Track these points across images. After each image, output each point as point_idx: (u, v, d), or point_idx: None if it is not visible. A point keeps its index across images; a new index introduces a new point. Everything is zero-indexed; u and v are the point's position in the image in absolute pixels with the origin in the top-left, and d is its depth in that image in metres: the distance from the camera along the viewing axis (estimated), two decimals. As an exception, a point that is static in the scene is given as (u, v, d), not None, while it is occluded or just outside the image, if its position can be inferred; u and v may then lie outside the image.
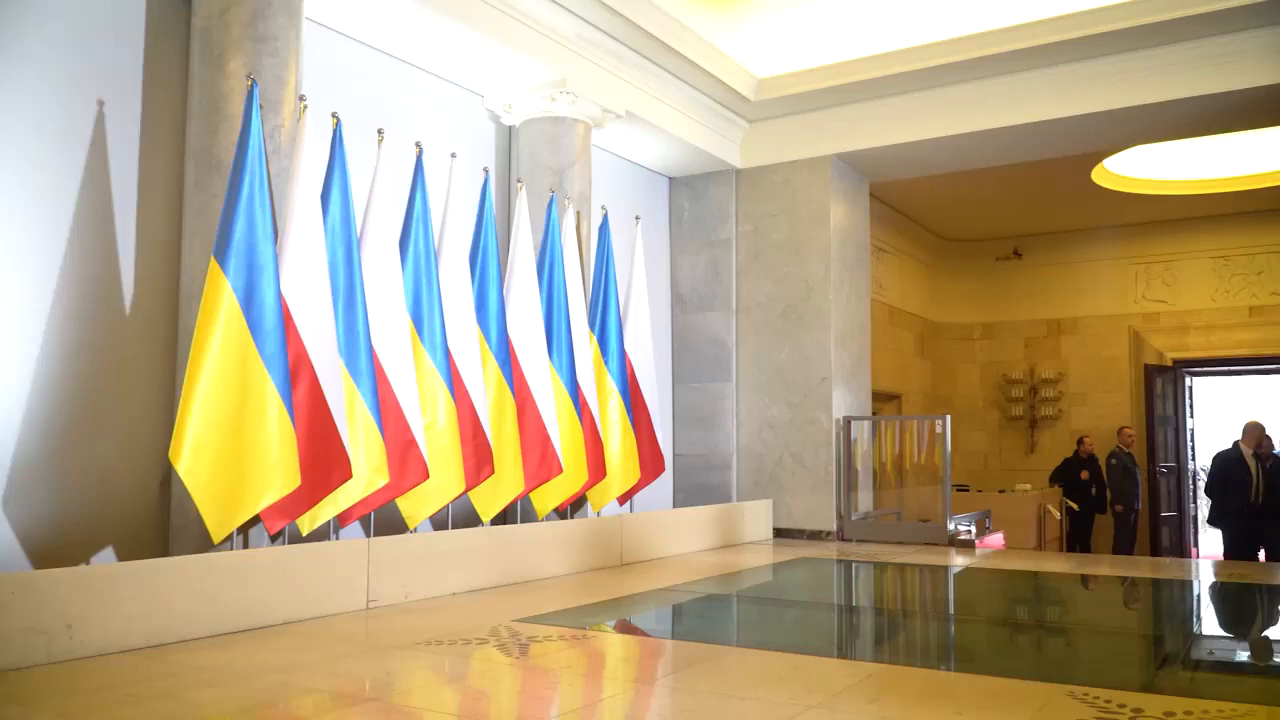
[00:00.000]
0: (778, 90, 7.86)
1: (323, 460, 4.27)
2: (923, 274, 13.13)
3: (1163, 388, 12.59)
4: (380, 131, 4.94)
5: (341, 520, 4.64)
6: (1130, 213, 11.81)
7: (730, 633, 4.73)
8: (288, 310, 4.23)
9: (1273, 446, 9.27)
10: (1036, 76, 7.19)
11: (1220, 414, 15.57)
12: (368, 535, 4.73)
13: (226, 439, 3.93)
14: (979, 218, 12.39)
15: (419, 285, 5.04)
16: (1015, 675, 3.42)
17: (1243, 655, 4.26)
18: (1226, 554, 9.41)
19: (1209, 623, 5.41)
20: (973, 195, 11.18)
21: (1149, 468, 12.26)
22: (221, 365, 3.94)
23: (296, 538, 4.43)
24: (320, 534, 4.54)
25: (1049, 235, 12.87)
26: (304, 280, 4.29)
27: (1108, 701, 2.84)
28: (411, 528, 4.97)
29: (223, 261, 4.01)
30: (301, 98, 4.52)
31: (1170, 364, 12.57)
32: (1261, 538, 9.04)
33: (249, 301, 4.06)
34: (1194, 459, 12.98)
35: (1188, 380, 12.96)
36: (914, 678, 3.50)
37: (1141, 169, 10.77)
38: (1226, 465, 9.06)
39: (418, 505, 4.95)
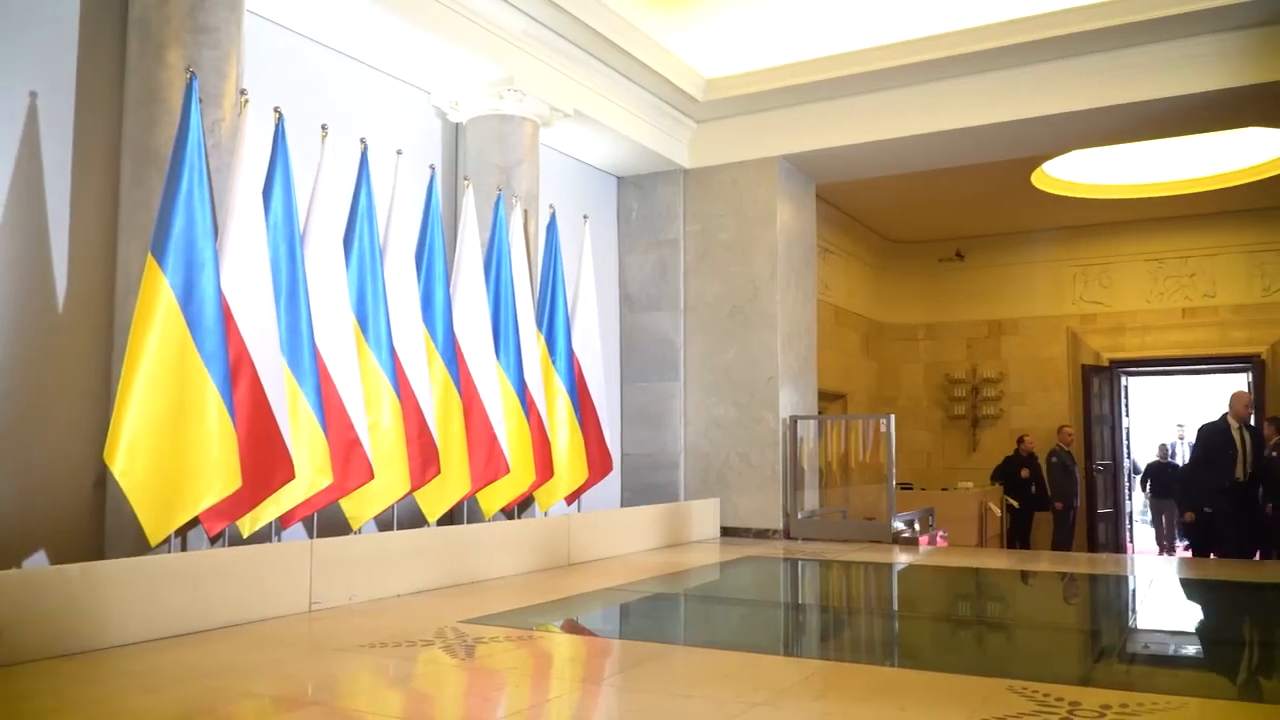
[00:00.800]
0: (725, 91, 7.90)
1: (264, 460, 4.19)
2: (868, 275, 13.28)
3: (1099, 387, 12.89)
4: (324, 127, 4.87)
5: (284, 521, 4.56)
6: (1068, 216, 12.07)
7: (677, 632, 4.74)
8: (228, 308, 4.15)
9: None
10: (980, 81, 7.31)
11: (1154, 413, 16.02)
12: (311, 537, 4.66)
13: (164, 439, 3.84)
14: (923, 220, 12.58)
15: (364, 283, 4.97)
16: (957, 670, 3.47)
17: (1175, 649, 4.37)
18: (1195, 543, 9.08)
19: (1144, 617, 5.54)
20: (917, 197, 11.34)
21: (1086, 465, 12.54)
22: (159, 364, 3.86)
23: (237, 540, 4.35)
24: (262, 536, 4.46)
25: (990, 237, 13.09)
26: (245, 278, 4.21)
27: (1046, 695, 2.90)
28: (356, 529, 4.91)
29: (160, 258, 3.93)
30: (243, 91, 4.43)
31: (1107, 364, 12.87)
32: (1243, 522, 8.17)
33: (188, 299, 3.97)
34: (1129, 457, 13.31)
35: (1123, 380, 13.29)
36: (858, 674, 3.54)
37: (1079, 173, 11.01)
38: (1212, 438, 8.16)
39: (362, 506, 4.88)
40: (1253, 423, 9.01)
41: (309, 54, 5.70)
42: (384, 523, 5.19)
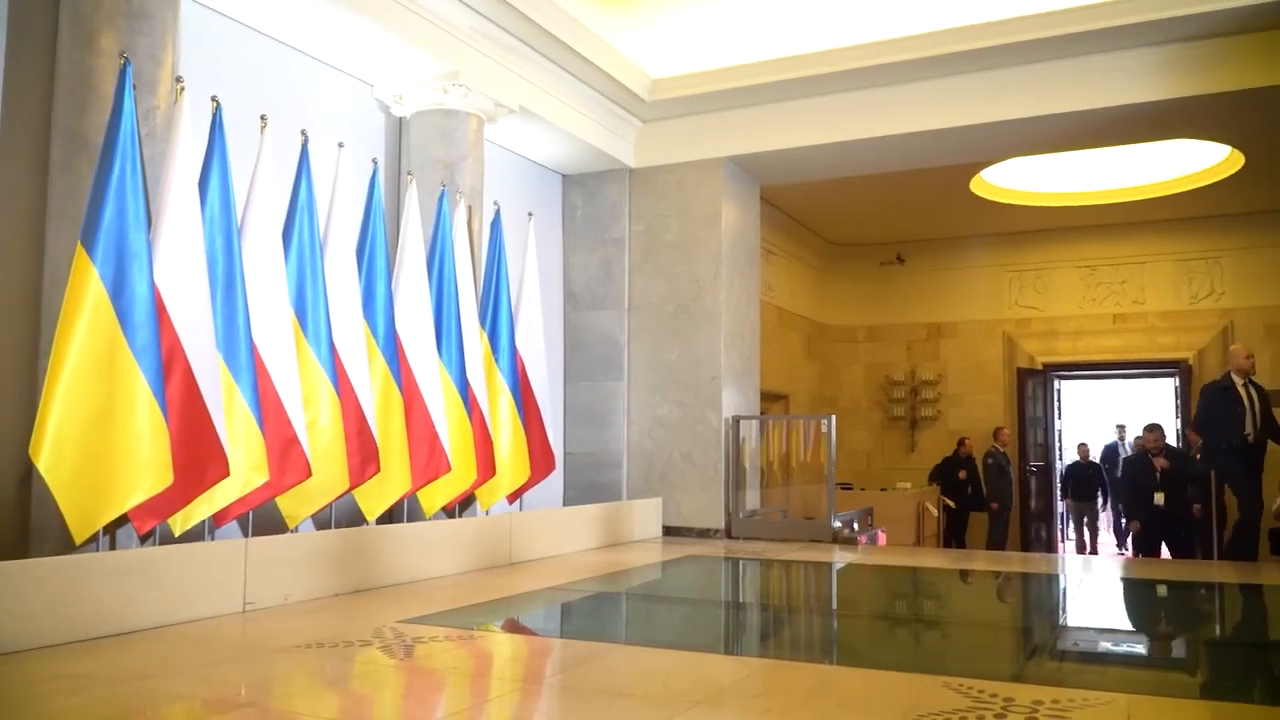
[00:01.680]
0: (672, 91, 7.92)
1: (198, 457, 4.10)
2: (810, 277, 13.41)
3: (1033, 390, 13.17)
4: (263, 118, 4.77)
5: (217, 520, 4.46)
6: (1005, 222, 12.30)
7: (618, 631, 4.74)
8: (161, 301, 4.05)
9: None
10: (923, 87, 7.42)
11: (1085, 416, 16.43)
12: (245, 536, 4.56)
13: (92, 434, 3.73)
14: (865, 223, 12.73)
15: (303, 278, 4.88)
16: (894, 668, 3.52)
17: (1104, 646, 4.48)
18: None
19: (1074, 615, 5.67)
20: (859, 201, 11.48)
21: (1021, 467, 12.80)
22: (87, 357, 3.75)
23: (169, 538, 4.24)
24: (194, 534, 4.35)
25: (930, 242, 13.30)
26: (179, 270, 4.11)
27: (981, 692, 2.95)
28: (292, 527, 4.82)
29: (90, 248, 3.81)
30: (179, 79, 4.33)
31: (1041, 368, 13.14)
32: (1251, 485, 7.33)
33: (119, 291, 3.87)
34: (1061, 459, 13.61)
35: (1056, 383, 13.60)
36: (798, 672, 3.56)
37: (1016, 181, 11.23)
38: (1216, 396, 7.44)
39: (299, 504, 4.80)
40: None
41: (248, 43, 5.58)
42: (322, 521, 5.10)
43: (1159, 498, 8.55)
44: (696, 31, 7.21)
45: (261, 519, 4.73)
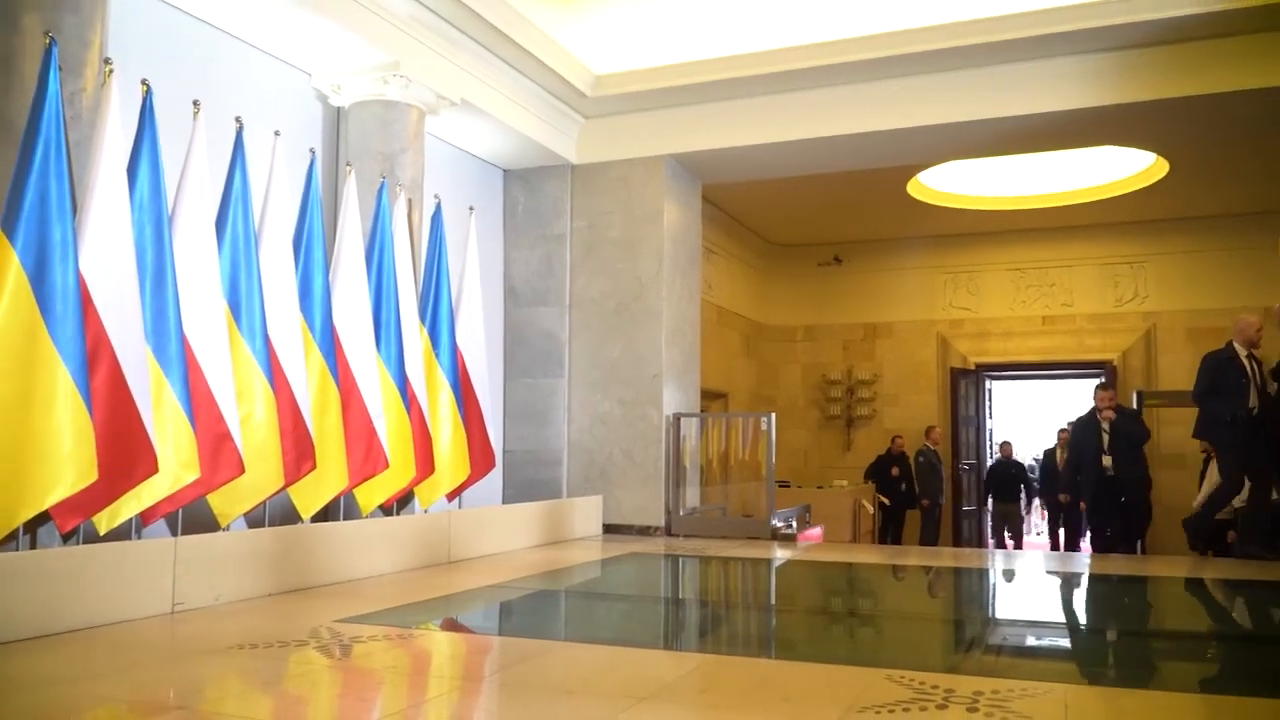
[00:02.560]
0: (615, 88, 7.89)
1: (125, 453, 3.96)
2: (750, 276, 13.50)
3: (966, 390, 13.43)
4: (196, 103, 4.63)
5: (145, 518, 4.32)
6: (940, 225, 12.52)
7: (559, 628, 4.70)
8: (87, 291, 3.90)
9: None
10: (862, 90, 7.51)
11: (1015, 415, 16.79)
12: (175, 534, 4.42)
13: (9, 428, 3.58)
14: (803, 224, 12.85)
15: (237, 269, 4.75)
16: (836, 662, 3.55)
17: (1037, 638, 4.57)
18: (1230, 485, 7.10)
19: (1007, 608, 5.78)
20: (798, 202, 11.58)
21: (953, 465, 13.04)
22: (4, 348, 3.60)
23: (94, 537, 4.09)
24: (121, 533, 4.21)
25: (867, 243, 13.47)
26: (106, 259, 3.97)
27: (922, 683, 2.98)
28: (224, 526, 4.69)
29: (10, 235, 3.66)
30: (107, 61, 4.18)
31: (973, 368, 13.41)
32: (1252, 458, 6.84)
33: (40, 280, 3.72)
34: (992, 457, 13.88)
35: (988, 383, 13.88)
36: (741, 667, 3.56)
37: (951, 184, 11.44)
38: (1219, 366, 6.98)
39: (231, 502, 4.67)
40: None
41: (181, 26, 5.42)
42: (255, 520, 4.97)
43: (1107, 461, 7.90)
44: (640, 28, 7.19)
45: (191, 517, 4.60)
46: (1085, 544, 9.83)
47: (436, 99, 6.57)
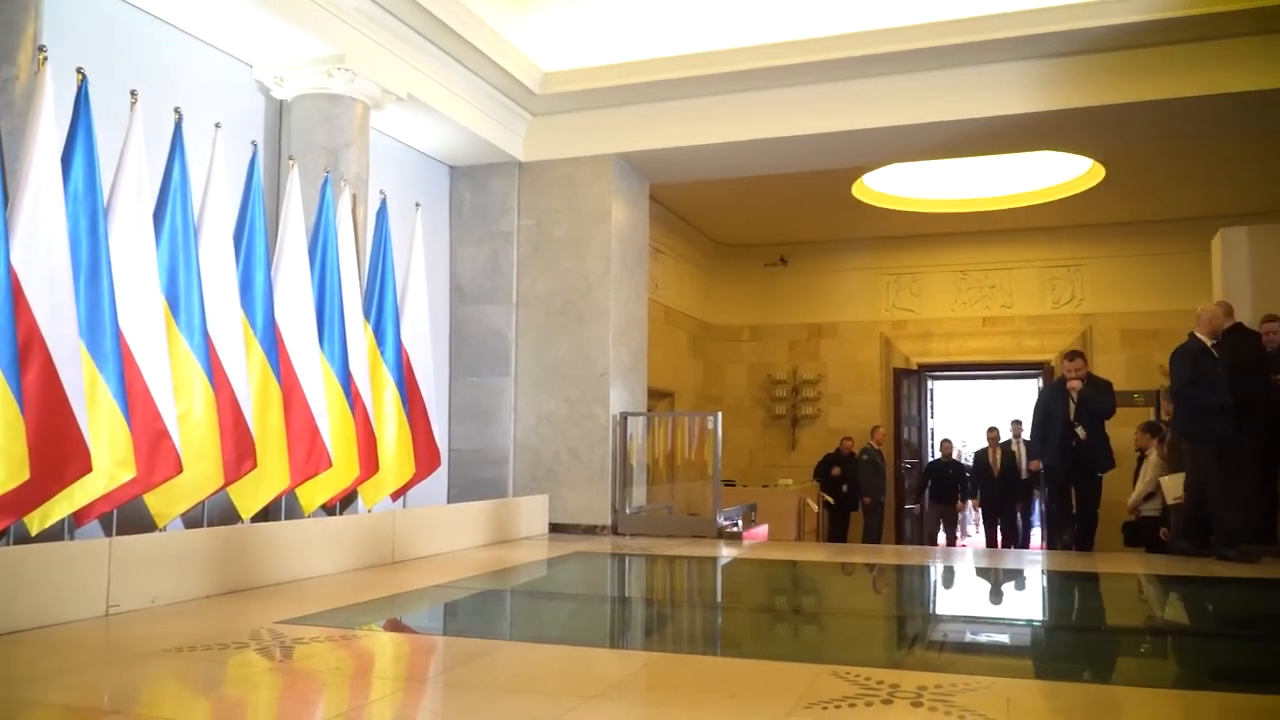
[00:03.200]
0: (563, 85, 7.86)
1: (57, 451, 3.84)
2: (697, 276, 13.55)
3: (908, 390, 13.63)
4: (134, 93, 4.51)
5: (78, 519, 4.20)
6: (884, 226, 12.69)
7: (505, 628, 4.68)
8: (18, 284, 3.78)
9: (1277, 334, 7.02)
10: (808, 91, 7.57)
11: (956, 415, 17.06)
12: (109, 535, 4.31)
13: (-62, 426, 3.46)
14: (750, 224, 12.94)
15: (175, 263, 4.64)
16: (782, 659, 3.57)
17: (979, 633, 4.65)
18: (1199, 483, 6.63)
19: (949, 604, 5.88)
20: (745, 202, 11.66)
21: (896, 464, 13.22)
22: (-66, 343, 3.48)
23: (25, 538, 3.96)
24: (53, 534, 4.08)
25: (813, 244, 13.60)
26: (39, 252, 3.85)
27: (867, 679, 3.01)
28: (161, 526, 4.58)
29: (-62, 225, 3.54)
30: (41, 48, 4.05)
31: (915, 368, 13.61)
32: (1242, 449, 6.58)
33: (-30, 272, 3.60)
34: (932, 457, 14.09)
35: (929, 383, 14.10)
36: (688, 665, 3.57)
37: (895, 187, 11.60)
38: (1198, 356, 6.66)
39: (169, 502, 4.56)
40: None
41: (118, 14, 5.29)
42: (193, 520, 4.87)
43: (1081, 432, 7.20)
44: (589, 26, 7.18)
45: (127, 517, 4.48)
46: (1033, 542, 9.94)
47: (382, 94, 6.49)
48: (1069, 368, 7.40)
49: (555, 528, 8.03)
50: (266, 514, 5.33)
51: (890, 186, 11.54)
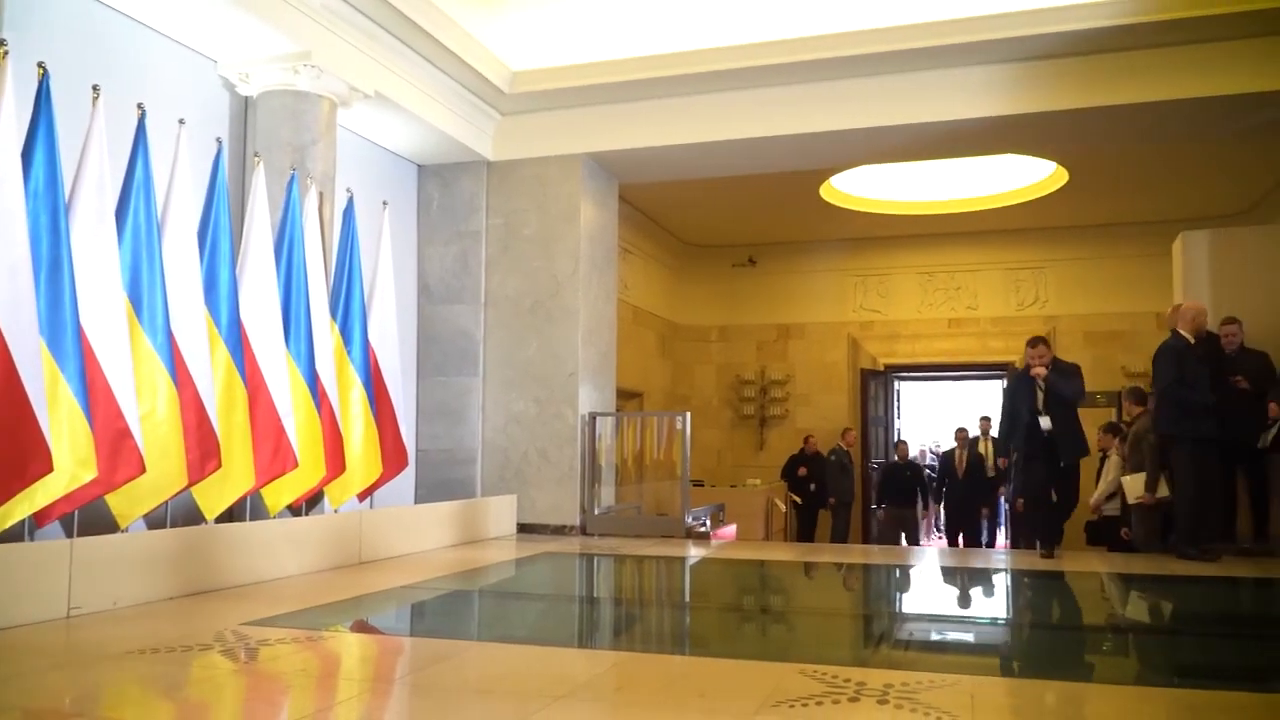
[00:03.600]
0: (532, 85, 7.85)
1: (16, 451, 3.78)
2: (665, 276, 13.57)
3: (875, 390, 13.73)
4: (96, 88, 4.45)
5: (39, 519, 4.12)
6: (851, 228, 12.77)
7: (473, 629, 4.66)
8: (-24, 281, 3.72)
9: (1237, 335, 7.05)
10: (777, 93, 7.60)
11: (922, 415, 17.23)
12: (70, 536, 4.24)
13: (-107, 426, 3.40)
14: (719, 225, 12.97)
15: (138, 261, 4.58)
16: (750, 657, 3.59)
17: (943, 631, 4.70)
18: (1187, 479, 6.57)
19: (915, 603, 5.93)
20: (713, 203, 11.69)
21: (863, 464, 13.30)
22: (-111, 340, 3.41)
23: (-19, 539, 3.90)
24: (14, 535, 4.01)
25: (781, 245, 13.66)
26: (-2, 248, 3.79)
27: (834, 677, 3.04)
28: (123, 527, 4.52)
29: (-106, 221, 3.47)
30: (1, 42, 3.98)
31: (882, 369, 13.71)
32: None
33: (-73, 269, 3.53)
34: (896, 457, 14.17)
35: (896, 384, 14.21)
36: (656, 664, 3.58)
37: (862, 189, 11.68)
38: (1182, 354, 6.63)
39: (131, 502, 4.50)
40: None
41: (79, 8, 5.20)
42: (156, 521, 4.81)
43: (1045, 421, 6.74)
44: (559, 26, 7.16)
45: (88, 518, 4.42)
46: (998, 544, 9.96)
47: (349, 91, 6.44)
48: (1032, 355, 6.95)
49: (524, 528, 8.01)
50: (231, 515, 5.27)
51: (858, 188, 11.62)
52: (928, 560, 7.64)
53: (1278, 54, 6.63)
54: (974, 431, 12.00)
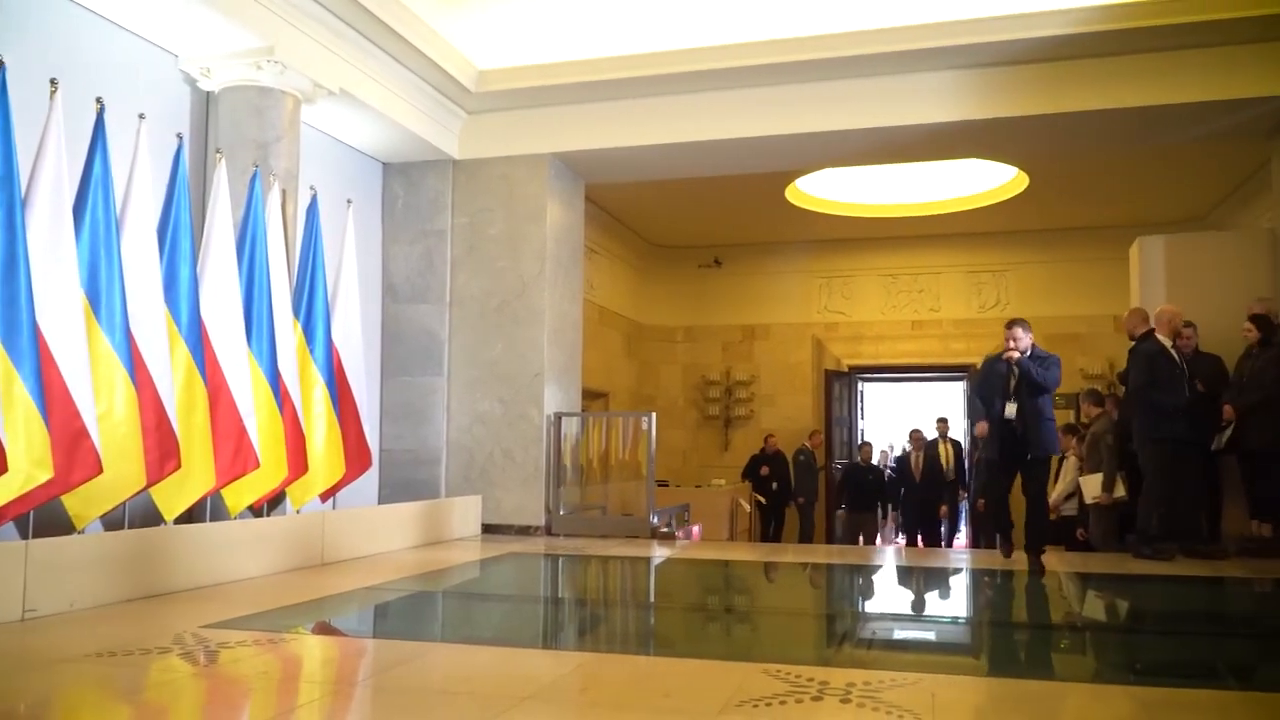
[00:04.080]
0: (498, 84, 7.82)
1: (-31, 452, 3.71)
2: (631, 277, 13.57)
3: (839, 391, 13.82)
4: (53, 82, 4.37)
5: (-9, 521, 4.06)
6: (816, 230, 12.85)
7: (437, 630, 4.64)
8: (-72, 278, 3.65)
9: (1192, 339, 7.15)
10: (743, 95, 7.64)
11: (885, 416, 17.33)
12: (26, 537, 4.17)
13: None
14: (684, 226, 13.00)
15: (96, 258, 4.51)
16: (714, 657, 3.60)
17: (905, 631, 4.74)
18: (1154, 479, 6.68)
19: (878, 602, 5.98)
20: (680, 204, 11.71)
21: (827, 465, 13.39)
22: None
23: (-68, 541, 3.83)
24: (-37, 537, 3.95)
25: (746, 246, 13.71)
26: (-49, 244, 3.72)
27: (798, 676, 3.06)
28: (80, 528, 4.45)
29: None
30: (-46, 33, 3.91)
31: (846, 370, 13.81)
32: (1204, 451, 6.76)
33: (-123, 265, 3.45)
34: (859, 458, 14.26)
35: (860, 385, 14.32)
36: (621, 665, 3.58)
37: (827, 191, 11.76)
38: (1155, 358, 6.68)
39: (88, 503, 4.43)
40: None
41: (37, 1, 5.11)
42: (114, 522, 4.74)
43: (1010, 409, 6.33)
44: (525, 25, 7.14)
45: (45, 519, 4.34)
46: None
47: (313, 87, 6.38)
48: (1006, 336, 6.52)
49: (489, 529, 7.98)
50: (191, 516, 5.21)
51: (823, 191, 11.70)
52: (890, 560, 7.71)
53: (1233, 63, 6.78)
54: (931, 434, 11.94)
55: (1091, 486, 7.49)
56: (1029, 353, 6.41)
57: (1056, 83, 7.09)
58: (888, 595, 6.17)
